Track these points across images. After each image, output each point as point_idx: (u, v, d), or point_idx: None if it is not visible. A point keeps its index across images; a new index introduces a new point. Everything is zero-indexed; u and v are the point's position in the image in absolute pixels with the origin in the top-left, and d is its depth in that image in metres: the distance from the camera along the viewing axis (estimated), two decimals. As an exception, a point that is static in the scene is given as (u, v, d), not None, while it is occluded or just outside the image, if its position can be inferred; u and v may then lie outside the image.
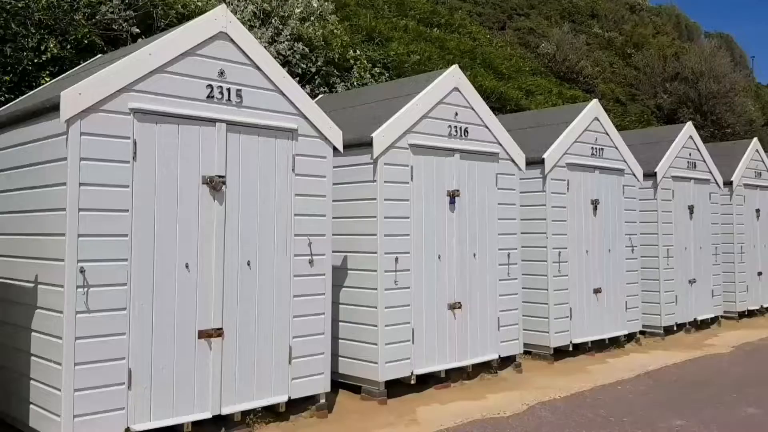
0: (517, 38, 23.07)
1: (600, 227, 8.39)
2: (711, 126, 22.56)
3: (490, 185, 7.00)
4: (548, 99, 16.68)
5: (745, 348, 8.89)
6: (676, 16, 34.63)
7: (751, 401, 6.16)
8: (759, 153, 11.98)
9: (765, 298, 11.78)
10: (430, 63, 13.56)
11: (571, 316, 7.88)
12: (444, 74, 6.69)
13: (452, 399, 6.08)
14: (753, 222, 11.57)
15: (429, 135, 6.40)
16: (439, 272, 6.44)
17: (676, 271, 9.63)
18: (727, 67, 25.13)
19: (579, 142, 8.19)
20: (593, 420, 5.52)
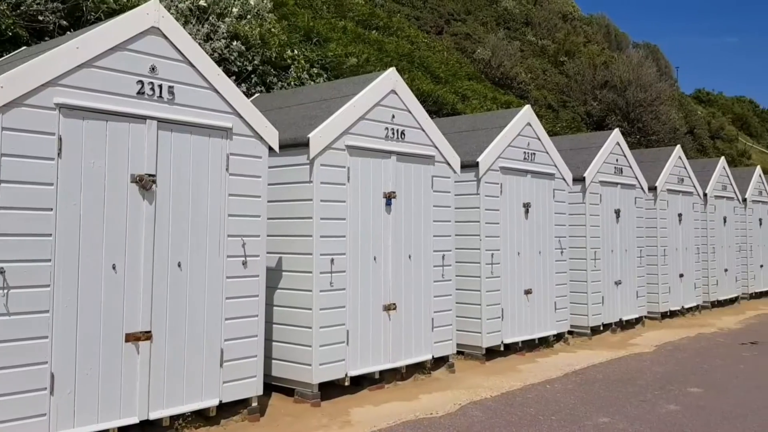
0: (454, 43, 23.40)
1: (531, 230, 8.60)
2: (637, 133, 23.48)
3: (425, 188, 7.07)
4: (483, 104, 16.98)
5: (666, 347, 9.27)
6: (606, 26, 35.91)
7: (672, 398, 6.43)
8: (682, 160, 12.54)
9: (686, 299, 12.33)
10: (368, 65, 13.60)
11: (502, 317, 8.04)
12: (382, 76, 6.73)
13: (386, 400, 6.11)
14: (675, 226, 12.09)
15: (366, 137, 6.42)
16: (375, 274, 6.47)
17: (603, 273, 9.97)
18: (654, 77, 26.21)
19: (512, 146, 8.37)
20: (522, 418, 5.65)
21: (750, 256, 14.98)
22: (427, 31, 22.99)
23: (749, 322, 11.87)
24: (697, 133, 31.38)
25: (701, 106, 41.27)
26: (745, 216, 14.88)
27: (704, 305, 13.07)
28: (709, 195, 13.30)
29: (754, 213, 15.30)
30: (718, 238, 13.57)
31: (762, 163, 34.07)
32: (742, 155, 35.76)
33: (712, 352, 8.96)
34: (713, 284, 13.32)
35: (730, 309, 13.64)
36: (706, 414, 5.89)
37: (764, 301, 15.11)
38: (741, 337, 10.15)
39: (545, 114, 21.13)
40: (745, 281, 14.81)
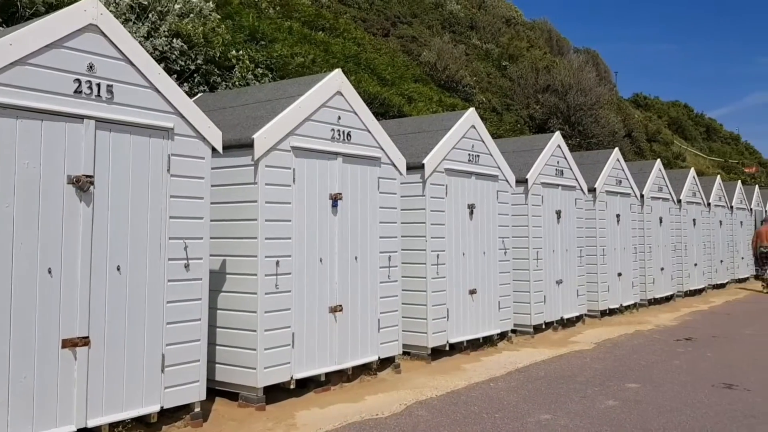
0: (401, 45, 23.53)
1: (476, 231, 8.73)
2: (578, 136, 24.09)
3: (372, 189, 7.09)
4: (429, 106, 17.14)
5: (606, 344, 9.54)
6: (548, 31, 36.72)
7: (611, 394, 6.63)
8: (620, 162, 12.93)
9: (624, 297, 12.72)
10: (314, 66, 13.55)
11: (448, 317, 8.13)
12: (327, 77, 6.71)
13: (332, 402, 6.09)
14: (614, 226, 12.46)
15: (312, 138, 6.40)
16: (321, 275, 6.45)
17: (545, 273, 10.19)
18: (593, 81, 26.94)
19: (457, 148, 8.48)
20: (467, 417, 5.73)
21: (685, 255, 15.56)
22: (374, 33, 23.06)
23: (684, 319, 12.32)
24: (635, 136, 32.41)
25: (639, 110, 42.65)
26: (680, 216, 15.45)
27: (641, 303, 13.52)
28: (646, 196, 13.76)
29: (688, 214, 15.90)
30: (654, 238, 14.05)
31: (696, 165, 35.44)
32: (677, 158, 37.11)
33: (648, 348, 9.26)
34: (650, 283, 13.78)
35: (666, 306, 14.14)
36: (642, 408, 6.09)
37: (698, 299, 15.72)
38: (676, 334, 10.53)
39: (489, 117, 21.47)
40: (680, 279, 15.38)
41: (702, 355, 8.77)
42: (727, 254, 18.68)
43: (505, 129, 21.07)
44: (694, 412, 5.99)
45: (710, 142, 54.13)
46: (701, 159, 44.93)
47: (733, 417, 5.83)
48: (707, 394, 6.62)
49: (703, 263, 16.69)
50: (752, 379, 7.28)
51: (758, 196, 22.28)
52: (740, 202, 20.12)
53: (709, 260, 17.18)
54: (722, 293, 17.14)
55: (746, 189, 21.45)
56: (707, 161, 45.86)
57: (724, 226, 18.50)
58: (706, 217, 17.15)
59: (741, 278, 19.99)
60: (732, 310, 13.73)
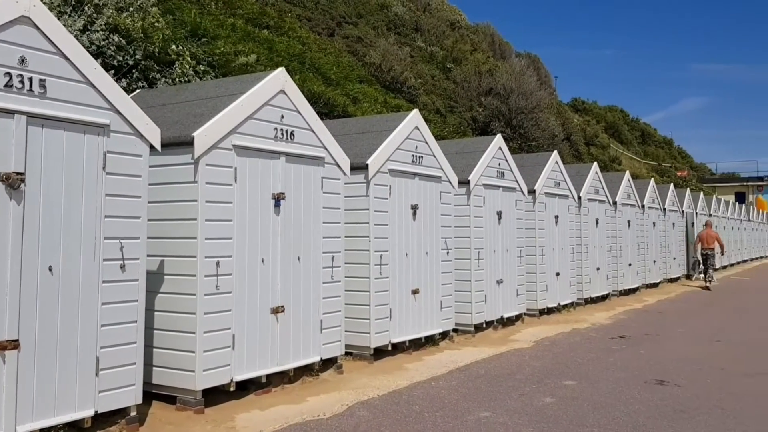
0: (346, 46, 23.51)
1: (419, 231, 8.80)
2: (519, 138, 24.58)
3: (315, 189, 7.06)
4: (374, 107, 17.18)
5: (544, 342, 9.77)
6: (491, 35, 37.32)
7: (548, 391, 6.79)
8: (558, 165, 13.25)
9: (562, 296, 13.04)
10: (258, 64, 13.39)
11: (390, 317, 8.17)
12: (271, 76, 6.65)
13: (273, 404, 6.04)
14: (552, 227, 12.76)
15: (254, 137, 6.33)
16: (263, 276, 6.38)
17: (486, 272, 10.36)
18: (534, 85, 27.54)
19: (401, 149, 8.53)
20: (408, 416, 5.77)
21: (620, 255, 16.07)
22: (319, 32, 22.96)
23: (619, 318, 12.73)
24: (574, 139, 33.28)
25: (577, 114, 43.81)
26: (616, 218, 15.95)
27: (578, 302, 13.89)
28: (583, 198, 14.14)
29: (623, 215, 16.43)
30: (591, 239, 14.46)
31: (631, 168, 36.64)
32: (613, 161, 38.30)
33: (585, 346, 9.53)
34: (587, 282, 14.18)
35: (602, 305, 14.57)
36: (578, 405, 6.26)
37: (632, 298, 16.26)
38: (611, 332, 10.87)
39: (433, 118, 21.67)
40: (615, 279, 15.87)
41: (635, 352, 9.08)
42: (660, 255, 19.38)
43: (448, 131, 21.31)
44: (627, 407, 6.19)
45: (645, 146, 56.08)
46: (636, 162, 46.51)
47: (664, 412, 6.05)
48: (640, 390, 6.86)
49: (637, 263, 17.27)
50: (683, 376, 7.57)
51: (689, 199, 23.21)
52: (672, 204, 20.91)
53: (642, 260, 17.79)
54: (655, 292, 17.78)
55: (678, 192, 22.32)
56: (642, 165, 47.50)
57: (657, 227, 19.19)
58: (640, 218, 17.75)
59: (673, 278, 20.78)
60: (664, 309, 14.26)
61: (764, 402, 6.46)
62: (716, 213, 27.10)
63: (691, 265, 20.34)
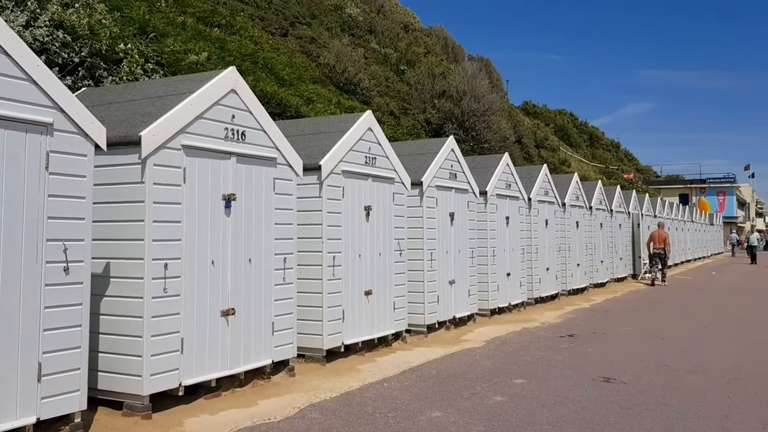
0: (299, 46, 23.38)
1: (372, 232, 8.80)
2: (471, 141, 24.86)
3: (267, 190, 6.99)
4: (327, 108, 17.13)
5: (495, 342, 9.89)
6: (444, 38, 37.64)
7: (499, 390, 6.88)
8: (509, 167, 13.44)
9: (513, 296, 13.23)
10: (209, 63, 13.20)
11: (343, 318, 8.15)
12: (221, 75, 6.56)
13: (223, 408, 5.95)
14: (503, 228, 12.93)
15: (204, 136, 6.23)
16: (213, 278, 6.28)
17: (438, 273, 10.43)
18: (486, 89, 27.89)
19: (354, 150, 8.52)
20: (360, 417, 5.76)
21: (568, 255, 16.40)
22: (272, 32, 22.77)
23: (567, 317, 12.98)
24: (525, 142, 33.85)
25: (528, 118, 44.57)
26: (564, 219, 16.27)
27: (529, 302, 14.12)
28: (534, 199, 14.38)
29: (572, 216, 16.77)
30: (540, 240, 14.72)
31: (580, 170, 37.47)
32: (563, 163, 39.09)
33: (535, 345, 9.69)
34: (537, 282, 14.42)
35: (551, 304, 14.85)
36: (528, 403, 6.36)
37: (580, 297, 16.62)
38: (560, 331, 11.08)
39: (387, 120, 21.73)
40: (564, 279, 16.19)
41: (583, 350, 9.27)
42: (607, 255, 19.86)
43: (402, 132, 21.40)
44: (575, 405, 6.32)
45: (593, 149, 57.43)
46: (585, 165, 47.58)
47: (610, 408, 6.20)
48: (587, 388, 7.01)
49: (585, 263, 17.65)
50: (628, 373, 7.77)
51: (635, 201, 23.86)
52: (619, 205, 21.46)
53: (590, 260, 18.19)
54: (602, 291, 18.20)
55: (624, 194, 22.91)
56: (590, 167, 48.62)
57: (604, 228, 19.65)
58: (588, 219, 18.16)
59: (620, 277, 21.31)
60: (611, 308, 14.61)
61: (706, 398, 6.68)
62: (661, 214, 27.94)
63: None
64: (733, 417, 5.96)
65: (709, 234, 43.69)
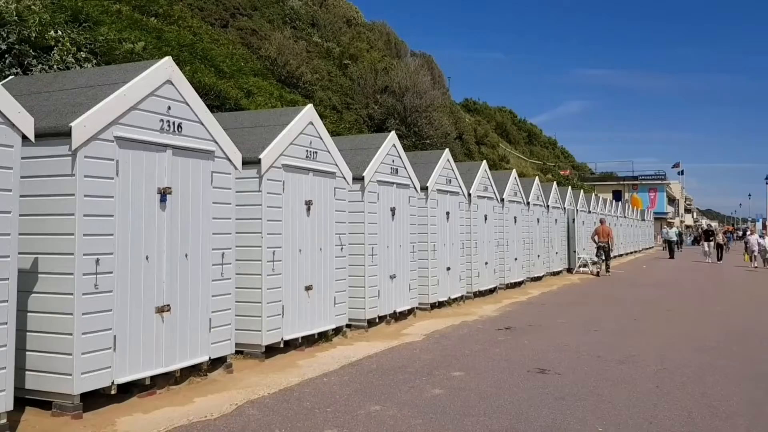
0: (240, 38, 23.01)
1: (313, 227, 8.76)
2: (413, 136, 25.03)
3: (204, 183, 6.86)
4: (268, 101, 16.93)
5: (434, 335, 10.00)
6: (387, 33, 37.71)
7: (437, 383, 6.96)
8: (450, 162, 13.59)
9: (452, 290, 13.40)
10: (145, 53, 12.85)
11: (283, 314, 8.09)
12: (157, 65, 6.39)
13: (158, 406, 5.82)
14: (444, 223, 13.08)
15: (138, 128, 6.06)
16: (147, 274, 6.13)
17: (379, 268, 10.47)
18: (428, 85, 28.12)
19: (295, 144, 8.45)
20: (299, 413, 5.73)
21: (506, 250, 16.72)
22: (212, 23, 22.33)
23: (505, 310, 13.24)
24: (465, 138, 34.30)
25: (469, 114, 45.19)
26: (503, 214, 16.57)
27: (468, 295, 14.33)
28: (473, 195, 14.59)
29: (510, 212, 17.10)
30: (480, 234, 14.94)
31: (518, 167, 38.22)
32: (502, 160, 39.81)
33: (473, 338, 9.84)
34: (476, 276, 14.64)
35: (490, 298, 15.11)
36: (466, 395, 6.46)
37: (518, 291, 16.97)
38: (498, 324, 11.29)
39: (329, 115, 21.64)
40: (502, 273, 16.49)
41: (520, 343, 9.48)
42: (543, 249, 20.33)
43: (344, 127, 21.36)
44: (511, 396, 6.46)
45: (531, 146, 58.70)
46: (523, 161, 48.58)
47: (545, 399, 6.36)
48: (523, 379, 7.17)
49: (522, 258, 18.04)
50: (563, 364, 7.98)
51: (571, 196, 24.51)
52: (555, 201, 22.00)
53: (528, 255, 18.60)
54: (539, 285, 18.64)
55: (561, 190, 23.50)
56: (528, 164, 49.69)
57: (541, 223, 20.12)
58: (526, 215, 18.55)
59: (555, 271, 21.86)
60: (547, 301, 14.99)
61: (636, 388, 6.93)
62: (595, 210, 28.80)
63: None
64: (660, 405, 6.21)
65: (640, 229, 45.32)
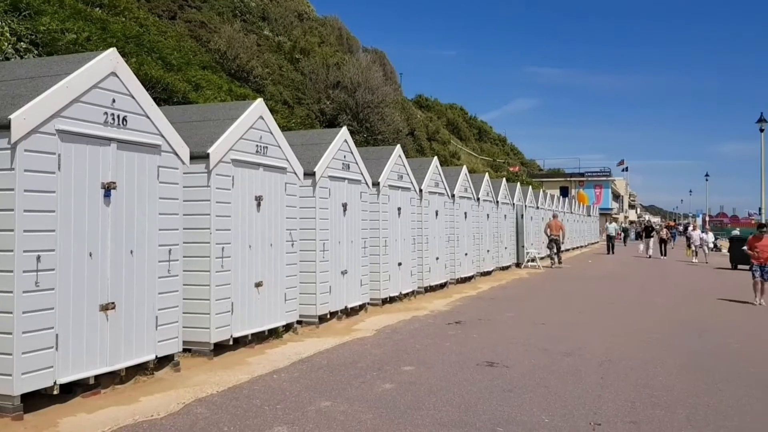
0: (188, 30, 22.57)
1: (263, 223, 8.67)
2: (365, 132, 25.00)
3: (150, 178, 6.72)
4: (218, 95, 16.66)
5: (386, 331, 10.04)
6: (339, 28, 37.53)
7: (388, 378, 6.99)
8: (401, 158, 13.65)
9: (404, 285, 13.47)
10: (89, 44, 12.49)
11: (232, 311, 7.99)
12: (101, 57, 6.22)
13: (102, 406, 5.68)
14: (395, 219, 13.13)
15: (81, 121, 5.89)
16: (91, 271, 5.97)
17: (331, 264, 10.45)
18: (380, 81, 28.11)
19: (244, 139, 8.35)
20: (248, 410, 5.68)
21: (457, 245, 16.89)
22: (159, 14, 21.83)
23: (456, 304, 13.39)
24: (417, 134, 34.46)
25: (421, 111, 45.41)
26: (454, 210, 16.73)
27: (419, 290, 14.43)
28: (425, 191, 14.68)
29: (460, 207, 17.28)
30: (431, 230, 15.05)
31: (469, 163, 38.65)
32: (453, 156, 40.16)
33: (423, 332, 9.92)
34: (426, 271, 14.75)
35: (441, 293, 15.25)
36: (416, 389, 6.51)
37: (468, 285, 17.18)
38: (448, 318, 11.41)
39: (281, 109, 21.44)
40: (453, 268, 16.67)
41: (469, 336, 9.60)
42: (493, 244, 20.62)
43: (296, 122, 21.19)
44: (460, 389, 6.54)
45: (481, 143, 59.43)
46: (473, 158, 49.14)
47: (493, 391, 6.46)
48: (472, 372, 7.27)
49: (472, 253, 18.26)
50: (511, 357, 8.12)
51: (519, 192, 24.93)
52: (505, 197, 22.33)
53: (477, 250, 18.84)
54: (488, 280, 18.91)
55: (510, 186, 23.87)
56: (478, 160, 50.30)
57: (490, 218, 20.39)
58: (476, 210, 18.78)
59: (504, 266, 22.21)
60: (496, 295, 15.21)
61: (581, 379, 7.11)
62: (543, 206, 29.35)
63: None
64: (605, 396, 6.38)
65: (586, 224, 46.44)
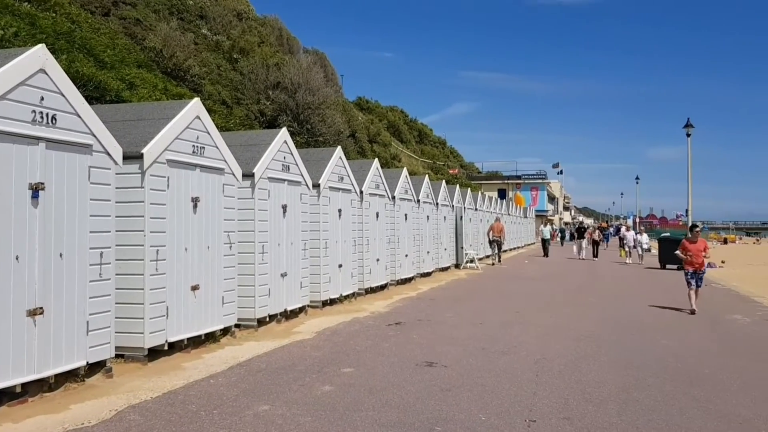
0: (123, 27, 21.97)
1: (200, 225, 8.51)
2: (306, 134, 24.87)
3: (81, 179, 6.50)
4: (153, 94, 16.27)
5: (325, 333, 10.00)
6: (279, 29, 37.21)
7: (327, 380, 6.97)
8: (342, 160, 13.63)
9: (344, 287, 13.45)
10: (17, 40, 12.01)
11: (167, 315, 7.81)
12: (28, 53, 5.98)
13: (30, 415, 5.46)
14: (336, 220, 13.10)
15: (7, 119, 5.65)
16: (17, 275, 5.73)
17: (270, 266, 10.34)
18: (321, 82, 28.01)
19: (180, 139, 8.18)
20: (183, 416, 5.56)
21: (397, 247, 16.99)
22: (92, 11, 21.16)
23: (396, 306, 13.46)
24: (358, 136, 34.50)
25: (362, 113, 45.46)
26: (394, 211, 16.82)
27: (359, 292, 14.44)
28: (365, 192, 14.71)
29: (401, 209, 17.39)
30: (371, 232, 15.09)
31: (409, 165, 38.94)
32: (394, 158, 40.37)
33: (363, 334, 9.94)
34: (367, 273, 14.78)
35: (381, 294, 15.31)
36: (355, 390, 6.51)
37: (408, 286, 17.30)
38: (388, 319, 11.46)
39: (219, 109, 21.10)
40: (393, 269, 16.75)
41: (409, 337, 9.67)
42: (432, 246, 20.84)
43: (235, 123, 20.89)
44: (399, 389, 6.58)
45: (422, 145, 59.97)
46: (414, 160, 49.54)
47: (432, 391, 6.53)
48: (412, 373, 7.32)
49: (412, 254, 18.40)
50: (449, 357, 8.22)
51: (459, 194, 25.28)
52: (444, 199, 22.59)
53: (417, 251, 18.99)
54: (428, 281, 19.09)
55: (450, 188, 24.18)
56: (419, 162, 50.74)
57: (430, 220, 20.60)
58: (416, 212, 18.93)
59: (444, 267, 22.46)
60: (436, 296, 15.37)
61: (517, 377, 7.26)
62: (482, 208, 29.86)
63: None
64: (540, 393, 6.54)
65: (523, 226, 47.47)
